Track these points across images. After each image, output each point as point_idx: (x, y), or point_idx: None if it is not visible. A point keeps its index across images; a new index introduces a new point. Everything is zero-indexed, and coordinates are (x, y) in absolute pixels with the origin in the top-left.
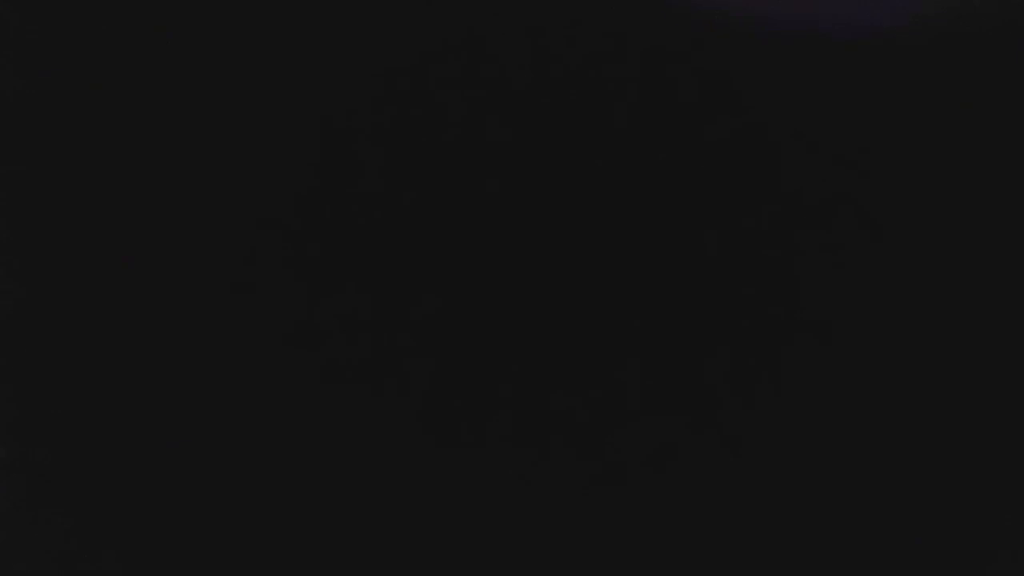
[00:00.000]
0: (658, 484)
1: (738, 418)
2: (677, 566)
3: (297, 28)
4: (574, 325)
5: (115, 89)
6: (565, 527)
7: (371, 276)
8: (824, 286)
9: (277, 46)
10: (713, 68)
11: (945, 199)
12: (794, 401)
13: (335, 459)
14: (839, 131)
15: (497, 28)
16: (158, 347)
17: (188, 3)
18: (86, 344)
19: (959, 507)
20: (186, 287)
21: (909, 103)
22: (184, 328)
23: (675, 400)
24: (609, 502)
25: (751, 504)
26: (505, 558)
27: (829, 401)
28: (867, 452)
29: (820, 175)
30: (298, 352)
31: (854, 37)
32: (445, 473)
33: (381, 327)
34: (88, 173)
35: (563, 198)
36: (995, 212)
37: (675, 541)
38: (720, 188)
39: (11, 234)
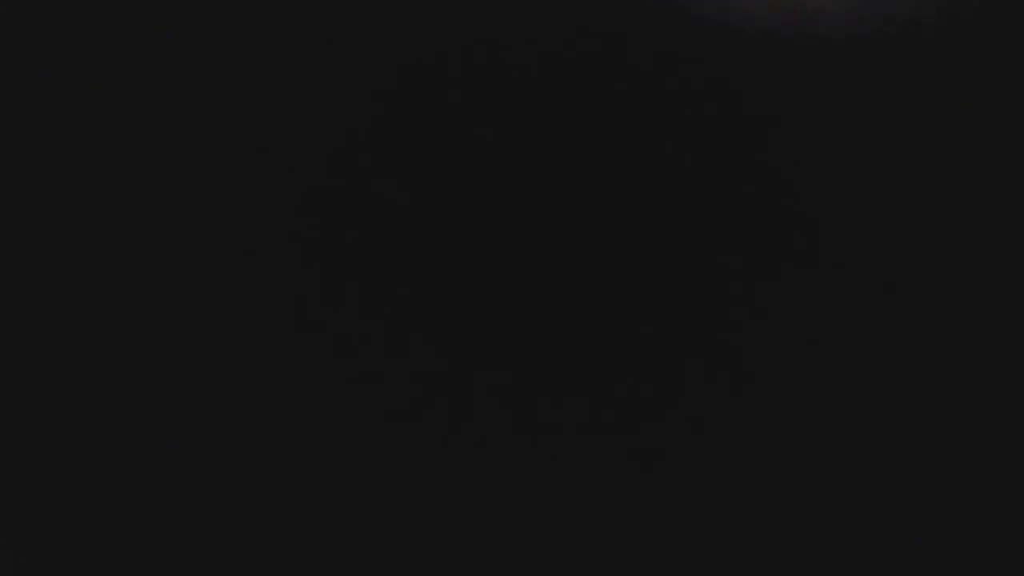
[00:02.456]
0: (655, 486)
1: (735, 414)
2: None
3: (300, 28)
4: (573, 326)
5: (115, 89)
6: (563, 521)
7: (370, 276)
8: (821, 289)
9: (280, 46)
10: (713, 70)
11: (946, 201)
12: (796, 400)
13: (337, 459)
14: (840, 132)
15: (498, 31)
16: (158, 347)
17: (188, 3)
18: (85, 343)
19: (958, 507)
20: (187, 287)
21: (906, 103)
22: (185, 327)
23: (670, 398)
24: (607, 500)
25: (750, 506)
26: (506, 551)
27: (829, 400)
28: (865, 451)
29: (818, 174)
30: (300, 351)
31: (851, 36)
32: (445, 469)
33: (380, 326)
34: (89, 173)
35: (563, 200)
36: (997, 214)
37: (674, 539)
38: (720, 188)
39: (11, 234)
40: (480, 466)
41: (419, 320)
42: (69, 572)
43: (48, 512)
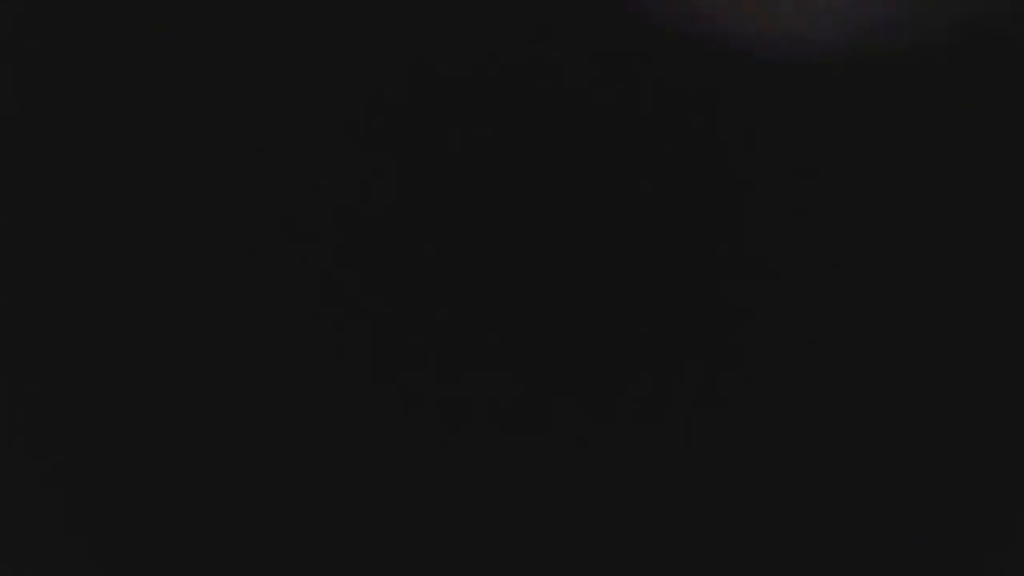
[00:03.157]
0: (652, 487)
1: (734, 414)
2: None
3: (301, 28)
4: (572, 328)
5: (115, 89)
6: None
7: (370, 275)
8: (819, 291)
9: (280, 47)
10: (703, 89)
11: (942, 210)
12: (795, 402)
13: (336, 458)
14: (835, 139)
15: (494, 43)
16: (159, 347)
17: (188, 3)
18: (85, 343)
19: (958, 507)
20: (187, 287)
21: (897, 118)
22: (185, 327)
23: (667, 400)
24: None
25: (748, 506)
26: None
27: (829, 400)
28: (865, 451)
29: (807, 190)
30: (299, 351)
31: (840, 52)
32: (444, 470)
33: (380, 326)
34: (90, 173)
35: (557, 206)
36: (993, 225)
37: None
38: (716, 193)
39: (11, 234)
40: (479, 466)
41: (417, 319)
42: (69, 572)
43: (48, 512)
